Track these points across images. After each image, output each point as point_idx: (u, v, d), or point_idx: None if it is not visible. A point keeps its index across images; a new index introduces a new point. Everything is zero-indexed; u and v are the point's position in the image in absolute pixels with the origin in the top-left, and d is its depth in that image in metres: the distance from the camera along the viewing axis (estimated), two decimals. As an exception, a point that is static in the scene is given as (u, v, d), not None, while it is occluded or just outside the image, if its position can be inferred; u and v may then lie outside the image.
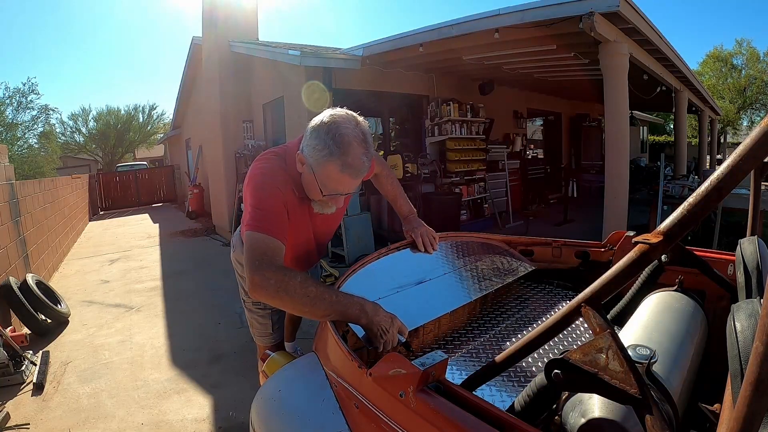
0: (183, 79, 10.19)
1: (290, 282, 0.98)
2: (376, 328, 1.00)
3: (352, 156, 1.09)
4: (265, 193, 1.14)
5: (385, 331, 1.00)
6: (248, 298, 1.62)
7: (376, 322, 1.01)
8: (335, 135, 1.07)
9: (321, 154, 1.09)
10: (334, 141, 1.07)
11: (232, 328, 3.41)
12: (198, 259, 5.96)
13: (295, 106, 5.52)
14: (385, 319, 1.01)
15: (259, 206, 1.12)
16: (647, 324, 0.96)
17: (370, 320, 1.01)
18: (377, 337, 1.00)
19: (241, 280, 1.65)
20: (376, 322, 1.01)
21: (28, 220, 4.70)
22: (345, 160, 1.08)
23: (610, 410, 0.68)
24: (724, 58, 21.22)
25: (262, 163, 1.23)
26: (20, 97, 17.24)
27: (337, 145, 1.07)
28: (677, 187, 5.24)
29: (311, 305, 1.00)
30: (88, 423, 2.24)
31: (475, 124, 6.72)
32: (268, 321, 1.63)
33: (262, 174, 1.19)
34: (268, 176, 1.18)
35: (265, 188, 1.15)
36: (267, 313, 1.62)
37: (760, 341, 0.44)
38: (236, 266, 1.65)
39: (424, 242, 1.53)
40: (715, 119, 12.15)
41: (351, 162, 1.09)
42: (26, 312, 3.32)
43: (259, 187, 1.16)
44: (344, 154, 1.08)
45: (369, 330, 1.02)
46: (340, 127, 1.09)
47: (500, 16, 3.92)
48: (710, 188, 0.60)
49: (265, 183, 1.16)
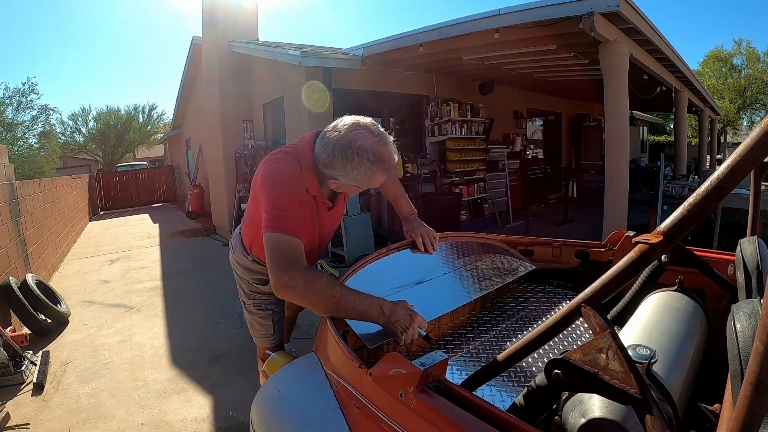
0: (183, 79, 10.19)
1: (317, 282, 1.05)
2: (395, 327, 1.05)
3: (387, 161, 1.18)
4: (282, 193, 1.18)
5: (405, 328, 1.05)
6: (248, 300, 1.61)
7: (394, 321, 1.05)
8: (367, 153, 1.14)
9: (366, 174, 1.17)
10: (370, 161, 1.14)
11: (232, 328, 3.41)
12: (198, 259, 5.96)
13: (295, 106, 5.52)
14: (404, 318, 1.06)
15: (277, 206, 1.15)
16: (647, 324, 0.96)
17: (388, 320, 1.05)
18: (398, 334, 1.05)
19: (241, 282, 1.63)
20: (394, 321, 1.05)
21: (28, 220, 4.70)
22: (384, 167, 1.18)
23: (610, 410, 0.68)
24: (724, 58, 21.22)
25: (275, 162, 1.25)
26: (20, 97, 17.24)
27: (372, 162, 1.15)
28: (677, 187, 5.24)
29: (335, 305, 1.06)
30: (88, 423, 2.24)
31: (475, 124, 6.72)
32: (269, 322, 1.62)
33: (278, 174, 1.21)
34: (284, 176, 1.21)
35: (281, 188, 1.18)
36: (268, 314, 1.61)
37: (760, 341, 0.44)
38: (236, 267, 1.63)
39: (424, 242, 1.53)
40: (715, 119, 12.15)
41: (389, 165, 1.19)
42: (26, 312, 3.31)
43: (275, 186, 1.19)
44: (381, 162, 1.16)
45: (388, 329, 1.06)
46: (364, 143, 1.14)
47: (500, 16, 3.92)
48: (710, 188, 0.60)
49: (281, 183, 1.19)
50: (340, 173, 1.18)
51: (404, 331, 1.05)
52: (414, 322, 1.06)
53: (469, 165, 6.66)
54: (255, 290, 1.59)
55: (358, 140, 1.14)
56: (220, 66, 6.78)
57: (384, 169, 1.18)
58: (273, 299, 1.60)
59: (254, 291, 1.59)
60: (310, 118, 5.23)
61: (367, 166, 1.15)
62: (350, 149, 1.13)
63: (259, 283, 1.57)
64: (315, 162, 1.23)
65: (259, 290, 1.58)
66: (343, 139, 1.15)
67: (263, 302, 1.59)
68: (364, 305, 1.06)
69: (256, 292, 1.59)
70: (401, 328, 1.05)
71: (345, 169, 1.16)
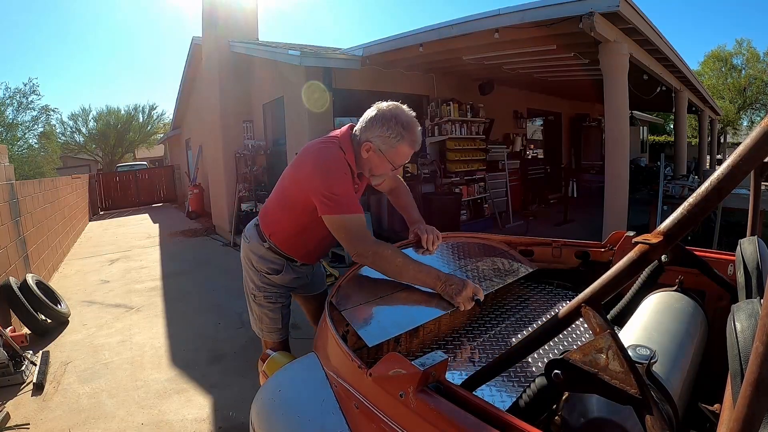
0: (183, 79, 10.19)
1: (384, 252, 1.29)
2: (450, 290, 1.20)
3: (416, 134, 1.39)
4: (339, 178, 1.35)
5: (459, 291, 1.19)
6: (259, 292, 1.61)
7: (449, 285, 1.21)
8: (402, 122, 1.36)
9: (394, 139, 1.36)
10: (403, 126, 1.35)
11: (232, 328, 3.41)
12: (198, 259, 5.96)
13: (295, 106, 5.52)
14: (458, 283, 1.20)
15: (338, 191, 1.32)
16: (647, 324, 0.96)
17: (444, 284, 1.22)
18: (453, 296, 1.20)
19: (253, 274, 1.62)
20: (449, 285, 1.21)
21: (28, 220, 4.70)
22: (412, 138, 1.38)
23: (610, 410, 0.68)
24: (724, 58, 21.23)
25: (323, 151, 1.39)
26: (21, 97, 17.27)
27: (406, 129, 1.36)
28: (677, 187, 5.24)
29: (398, 272, 1.29)
30: (88, 423, 2.24)
31: (475, 124, 6.72)
32: (278, 315, 1.63)
33: (331, 161, 1.36)
34: (337, 163, 1.37)
35: (337, 174, 1.35)
36: (277, 307, 1.62)
37: (760, 341, 0.44)
38: (249, 258, 1.62)
39: (429, 240, 1.55)
40: (715, 119, 12.14)
41: (416, 138, 1.39)
42: (26, 312, 3.32)
43: (331, 173, 1.34)
44: (411, 134, 1.37)
45: (444, 292, 1.22)
46: (401, 115, 1.37)
47: (500, 16, 3.92)
48: (710, 188, 0.59)
49: (336, 169, 1.35)
50: (376, 134, 1.37)
51: (458, 293, 1.18)
52: (467, 286, 1.19)
53: (469, 165, 6.66)
54: (267, 282, 1.61)
55: (397, 110, 1.38)
56: (220, 66, 6.78)
57: (411, 140, 1.37)
58: (283, 292, 1.63)
59: (266, 283, 1.61)
60: (310, 118, 5.23)
61: (399, 131, 1.35)
62: (389, 113, 1.37)
63: (272, 272, 1.59)
64: (353, 142, 1.42)
65: (271, 281, 1.60)
66: (385, 107, 1.39)
67: (274, 295, 1.62)
68: (423, 272, 1.26)
69: (269, 284, 1.61)
70: (455, 291, 1.19)
71: (381, 129, 1.36)
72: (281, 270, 1.57)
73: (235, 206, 6.92)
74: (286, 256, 1.58)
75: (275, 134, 6.70)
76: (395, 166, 1.43)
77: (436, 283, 1.23)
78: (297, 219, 1.47)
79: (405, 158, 1.43)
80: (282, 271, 1.58)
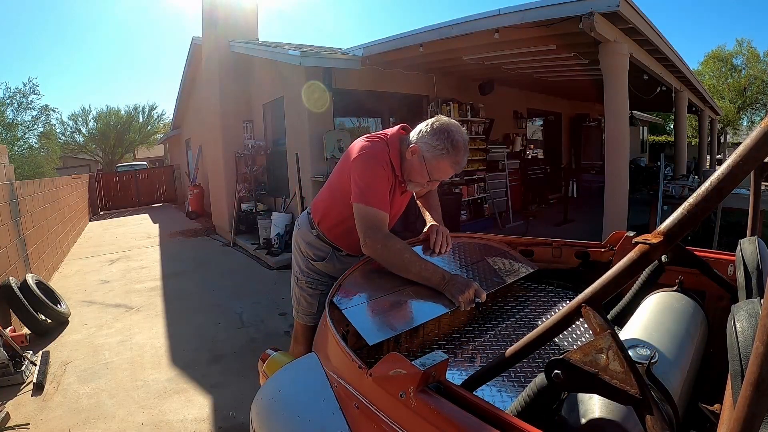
0: (183, 79, 10.19)
1: (393, 247, 1.32)
2: (453, 290, 1.22)
3: (461, 157, 1.41)
4: (373, 172, 1.40)
5: (462, 291, 1.21)
6: (303, 276, 1.68)
7: (452, 285, 1.23)
8: (452, 139, 1.38)
9: (439, 151, 1.39)
10: (452, 144, 1.38)
11: (232, 328, 3.41)
12: (198, 259, 5.96)
13: (295, 106, 5.52)
14: (462, 284, 1.23)
15: (369, 182, 1.39)
16: (647, 324, 0.96)
17: (448, 284, 1.24)
18: (455, 296, 1.21)
19: (300, 259, 1.70)
20: (452, 284, 1.23)
21: (28, 220, 4.70)
22: (455, 159, 1.41)
23: (610, 410, 0.68)
24: (725, 58, 21.22)
25: (369, 147, 1.45)
26: (21, 97, 17.22)
27: (453, 147, 1.39)
28: (677, 187, 5.24)
29: (404, 268, 1.31)
30: (88, 423, 2.24)
31: (475, 124, 6.72)
32: (315, 302, 1.68)
33: (372, 155, 1.42)
34: (377, 157, 1.42)
35: (373, 167, 1.41)
36: (317, 294, 1.67)
37: (760, 341, 0.44)
38: (299, 244, 1.70)
39: (437, 240, 1.57)
40: (715, 119, 12.14)
41: (459, 161, 1.42)
42: (26, 312, 3.32)
43: (369, 166, 1.41)
44: (456, 155, 1.40)
45: (448, 291, 1.24)
46: (455, 133, 1.40)
47: (500, 16, 3.92)
48: (710, 188, 0.59)
49: (373, 162, 1.41)
50: (426, 140, 1.40)
51: (461, 293, 1.20)
52: (470, 287, 1.21)
53: (469, 165, 6.66)
54: (312, 268, 1.67)
55: (453, 127, 1.41)
56: (220, 66, 6.78)
57: (454, 161, 1.40)
58: (325, 281, 1.67)
59: (311, 269, 1.67)
60: (310, 118, 5.23)
61: (446, 146, 1.38)
62: (445, 127, 1.40)
63: (317, 259, 1.65)
64: (401, 143, 1.47)
65: (315, 268, 1.66)
66: (445, 120, 1.43)
67: (315, 281, 1.67)
68: (429, 270, 1.28)
69: (312, 270, 1.67)
70: (458, 290, 1.21)
71: (431, 138, 1.39)
72: (325, 258, 1.64)
73: (235, 206, 6.93)
74: (333, 245, 1.63)
75: (275, 134, 6.70)
76: (431, 178, 1.44)
77: (441, 282, 1.25)
78: (342, 208, 1.52)
79: (443, 175, 1.45)
80: (326, 258, 1.64)
